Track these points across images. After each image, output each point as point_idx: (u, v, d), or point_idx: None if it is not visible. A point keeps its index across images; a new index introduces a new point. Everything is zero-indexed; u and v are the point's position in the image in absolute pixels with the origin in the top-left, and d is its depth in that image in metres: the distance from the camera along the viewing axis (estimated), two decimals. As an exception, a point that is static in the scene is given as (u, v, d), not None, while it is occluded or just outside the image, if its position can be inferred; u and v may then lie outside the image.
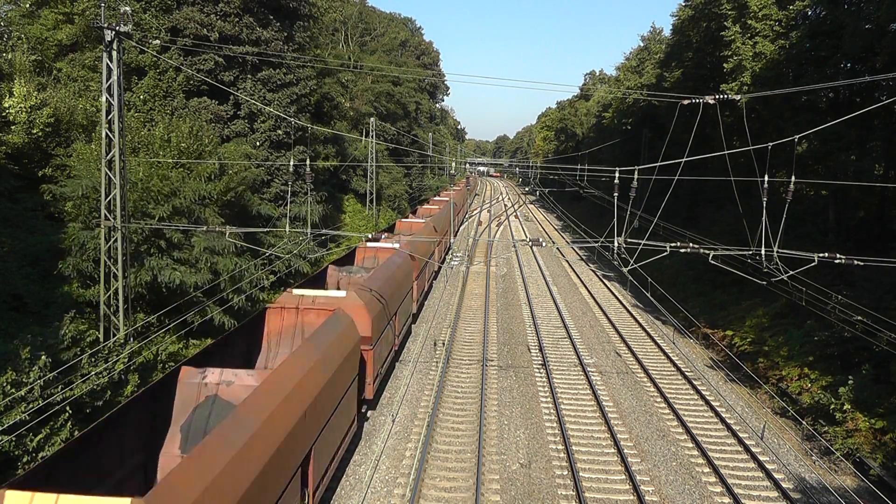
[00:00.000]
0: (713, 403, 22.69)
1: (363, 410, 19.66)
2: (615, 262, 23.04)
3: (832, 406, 20.44)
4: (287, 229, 21.93)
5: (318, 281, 23.33)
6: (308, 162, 24.18)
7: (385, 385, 22.93)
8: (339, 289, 22.43)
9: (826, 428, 20.30)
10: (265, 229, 25.43)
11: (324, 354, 14.05)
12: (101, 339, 18.12)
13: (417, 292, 30.64)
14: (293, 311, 17.49)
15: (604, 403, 22.10)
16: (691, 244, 18.20)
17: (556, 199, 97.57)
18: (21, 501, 6.55)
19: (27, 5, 32.39)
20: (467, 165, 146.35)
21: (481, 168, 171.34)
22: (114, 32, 17.42)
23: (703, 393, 23.62)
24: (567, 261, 52.41)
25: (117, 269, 18.61)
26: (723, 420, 21.28)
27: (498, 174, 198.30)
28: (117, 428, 10.41)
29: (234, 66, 32.86)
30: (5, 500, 6.75)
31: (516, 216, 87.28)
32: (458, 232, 38.77)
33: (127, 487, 10.72)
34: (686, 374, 25.59)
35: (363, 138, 56.82)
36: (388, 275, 23.69)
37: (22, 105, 22.95)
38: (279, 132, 34.58)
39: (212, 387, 12.58)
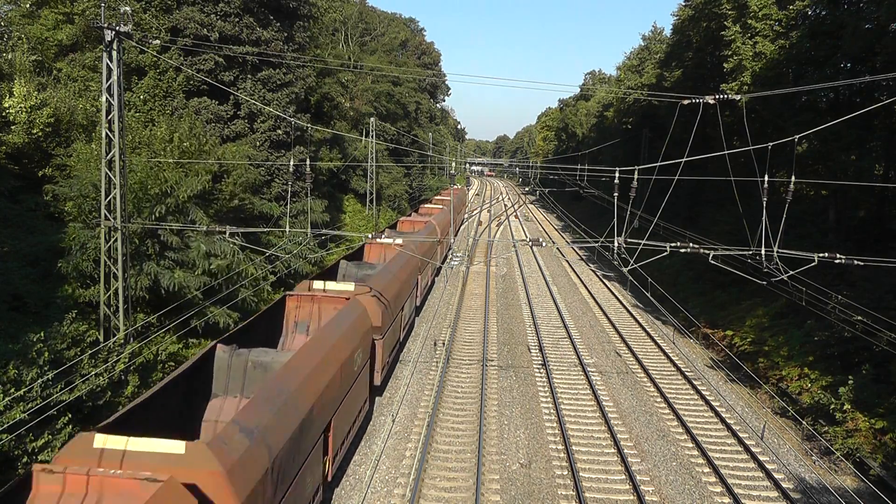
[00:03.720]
0: (713, 403, 22.68)
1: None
2: (615, 262, 23.06)
3: (832, 406, 20.44)
4: (287, 229, 21.93)
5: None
6: (308, 162, 24.17)
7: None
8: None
9: (826, 428, 20.30)
10: (265, 229, 25.42)
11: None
12: (102, 340, 18.12)
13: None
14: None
15: (604, 403, 22.10)
16: (691, 244, 18.21)
17: (556, 199, 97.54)
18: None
19: (27, 5, 32.36)
20: (467, 165, 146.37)
21: (475, 168, 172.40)
22: (114, 32, 17.41)
23: (703, 393, 23.62)
24: (567, 261, 52.40)
25: (117, 269, 18.60)
26: (723, 420, 21.28)
27: (492, 173, 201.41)
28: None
29: (234, 66, 32.85)
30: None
31: (516, 216, 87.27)
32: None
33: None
34: (686, 374, 25.59)
35: (363, 138, 56.80)
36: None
37: (22, 105, 22.93)
38: (279, 132, 34.58)
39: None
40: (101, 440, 9.18)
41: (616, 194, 18.85)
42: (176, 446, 9.06)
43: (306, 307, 18.60)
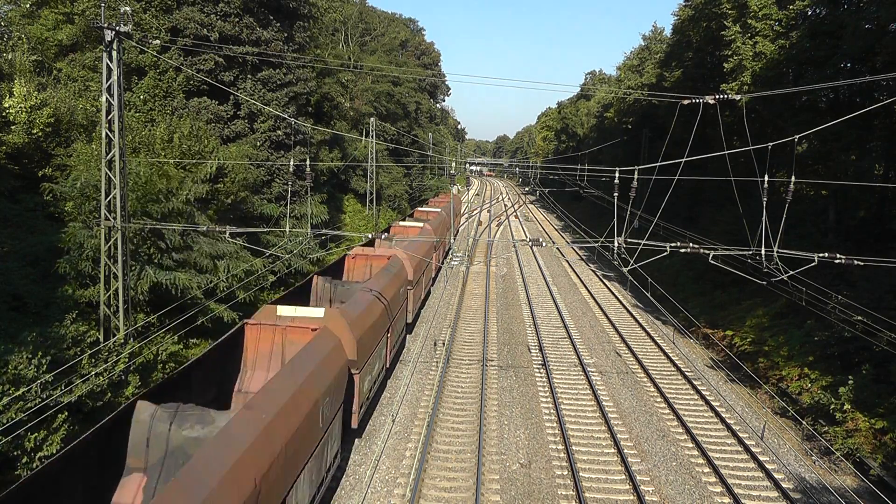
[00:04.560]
0: (713, 403, 22.69)
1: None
2: (615, 262, 23.04)
3: (832, 406, 20.44)
4: (287, 229, 21.91)
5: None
6: (308, 162, 24.16)
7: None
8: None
9: (826, 428, 20.29)
10: (266, 229, 25.41)
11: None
12: (102, 340, 18.11)
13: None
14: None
15: (604, 403, 22.10)
16: (691, 244, 18.20)
17: (556, 199, 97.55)
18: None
19: (27, 5, 32.38)
20: (467, 165, 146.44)
21: (473, 168, 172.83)
22: (114, 32, 17.41)
23: (703, 393, 23.62)
24: (567, 261, 52.40)
25: (117, 270, 18.60)
26: (723, 420, 21.28)
27: (491, 173, 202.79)
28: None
29: (234, 66, 32.86)
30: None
31: (516, 216, 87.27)
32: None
33: None
34: (686, 374, 25.59)
35: (363, 138, 56.80)
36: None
37: (22, 105, 22.93)
38: (279, 132, 34.58)
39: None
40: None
41: (616, 194, 18.84)
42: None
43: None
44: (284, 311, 16.39)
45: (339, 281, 23.21)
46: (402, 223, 40.45)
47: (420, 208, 52.97)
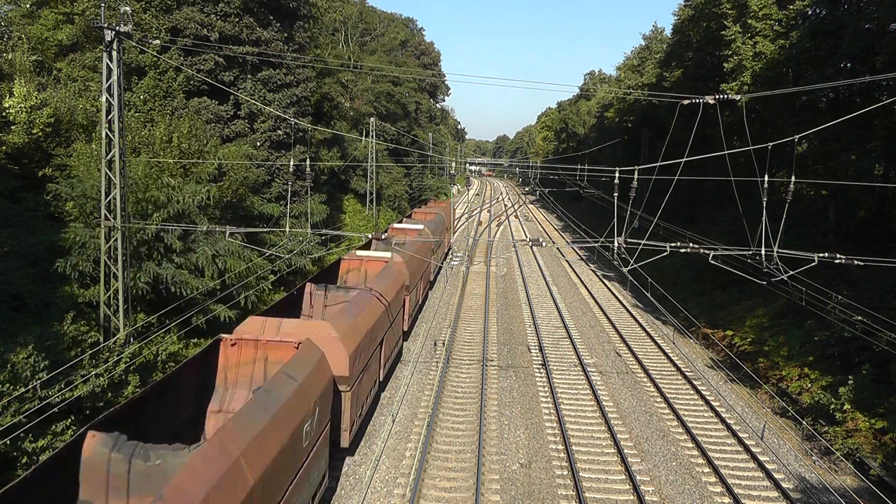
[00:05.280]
0: (713, 403, 22.69)
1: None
2: (615, 262, 23.05)
3: (832, 406, 20.44)
4: (287, 229, 21.91)
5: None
6: (308, 162, 24.16)
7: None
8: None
9: (826, 428, 20.30)
10: (266, 229, 25.41)
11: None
12: (101, 340, 18.11)
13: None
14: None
15: (604, 403, 22.10)
16: (691, 244, 18.20)
17: (556, 199, 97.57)
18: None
19: (27, 5, 32.37)
20: (467, 166, 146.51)
21: (472, 168, 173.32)
22: (114, 32, 17.41)
23: (703, 393, 23.62)
24: (567, 261, 52.40)
25: (117, 270, 18.60)
26: (723, 420, 21.28)
27: (491, 173, 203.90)
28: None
29: (234, 66, 32.86)
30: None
31: (516, 216, 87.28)
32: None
33: None
34: (686, 374, 25.59)
35: (363, 138, 56.82)
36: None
37: (22, 105, 22.93)
38: (279, 132, 34.59)
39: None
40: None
41: (616, 194, 18.84)
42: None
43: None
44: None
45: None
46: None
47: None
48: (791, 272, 17.00)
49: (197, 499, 8.31)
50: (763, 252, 17.07)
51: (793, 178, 17.21)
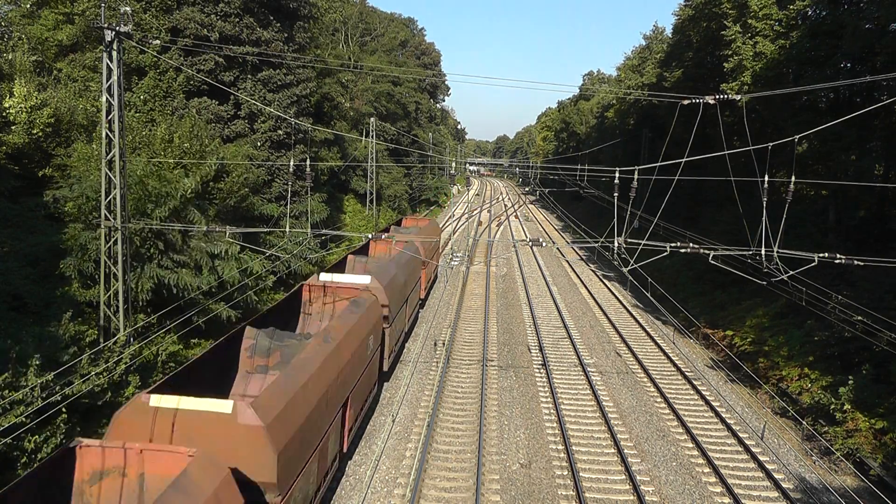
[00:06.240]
0: (713, 403, 22.68)
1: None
2: (615, 262, 23.06)
3: (832, 406, 20.44)
4: (287, 229, 21.91)
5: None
6: (308, 162, 24.17)
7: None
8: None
9: (826, 428, 20.29)
10: (266, 229, 25.42)
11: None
12: (102, 340, 18.11)
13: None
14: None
15: (604, 403, 22.10)
16: (691, 244, 18.21)
17: (556, 199, 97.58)
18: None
19: (27, 5, 32.39)
20: (467, 166, 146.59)
21: (472, 168, 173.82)
22: (114, 32, 17.41)
23: (704, 393, 23.62)
24: (567, 261, 52.40)
25: (117, 270, 18.61)
26: (723, 420, 21.28)
27: (489, 173, 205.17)
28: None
29: (234, 66, 32.87)
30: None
31: (516, 216, 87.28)
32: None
33: None
34: (686, 374, 25.59)
35: (363, 138, 56.83)
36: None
37: (22, 105, 22.94)
38: (279, 132, 34.60)
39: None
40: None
41: (616, 194, 18.85)
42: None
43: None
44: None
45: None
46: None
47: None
48: (791, 272, 17.00)
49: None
50: (763, 252, 17.08)
51: (793, 178, 17.21)
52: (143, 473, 9.55)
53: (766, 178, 17.87)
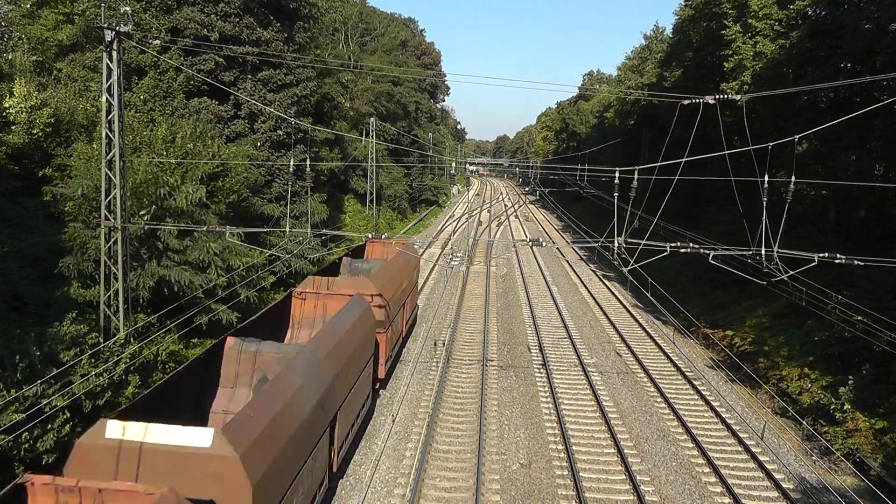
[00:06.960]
0: (713, 403, 22.68)
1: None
2: (615, 262, 23.02)
3: (832, 406, 20.44)
4: (287, 229, 21.90)
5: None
6: (308, 162, 24.17)
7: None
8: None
9: (826, 428, 20.29)
10: (266, 229, 25.40)
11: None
12: (102, 340, 18.11)
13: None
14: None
15: (604, 403, 22.10)
16: (691, 244, 18.21)
17: (557, 200, 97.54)
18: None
19: (27, 5, 32.39)
20: (467, 166, 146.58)
21: (472, 168, 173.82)
22: (114, 32, 17.40)
23: (704, 393, 23.61)
24: (567, 261, 52.40)
25: (117, 270, 18.60)
26: (723, 420, 21.28)
27: (489, 173, 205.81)
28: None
29: (234, 66, 32.87)
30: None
31: (516, 216, 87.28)
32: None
33: None
34: (686, 374, 25.58)
35: (363, 138, 56.83)
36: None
37: (22, 105, 22.95)
38: (280, 133, 34.59)
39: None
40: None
41: (616, 194, 18.84)
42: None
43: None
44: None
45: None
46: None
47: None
48: (791, 272, 17.00)
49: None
50: (763, 252, 17.07)
51: (793, 178, 17.22)
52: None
53: (766, 178, 17.87)
